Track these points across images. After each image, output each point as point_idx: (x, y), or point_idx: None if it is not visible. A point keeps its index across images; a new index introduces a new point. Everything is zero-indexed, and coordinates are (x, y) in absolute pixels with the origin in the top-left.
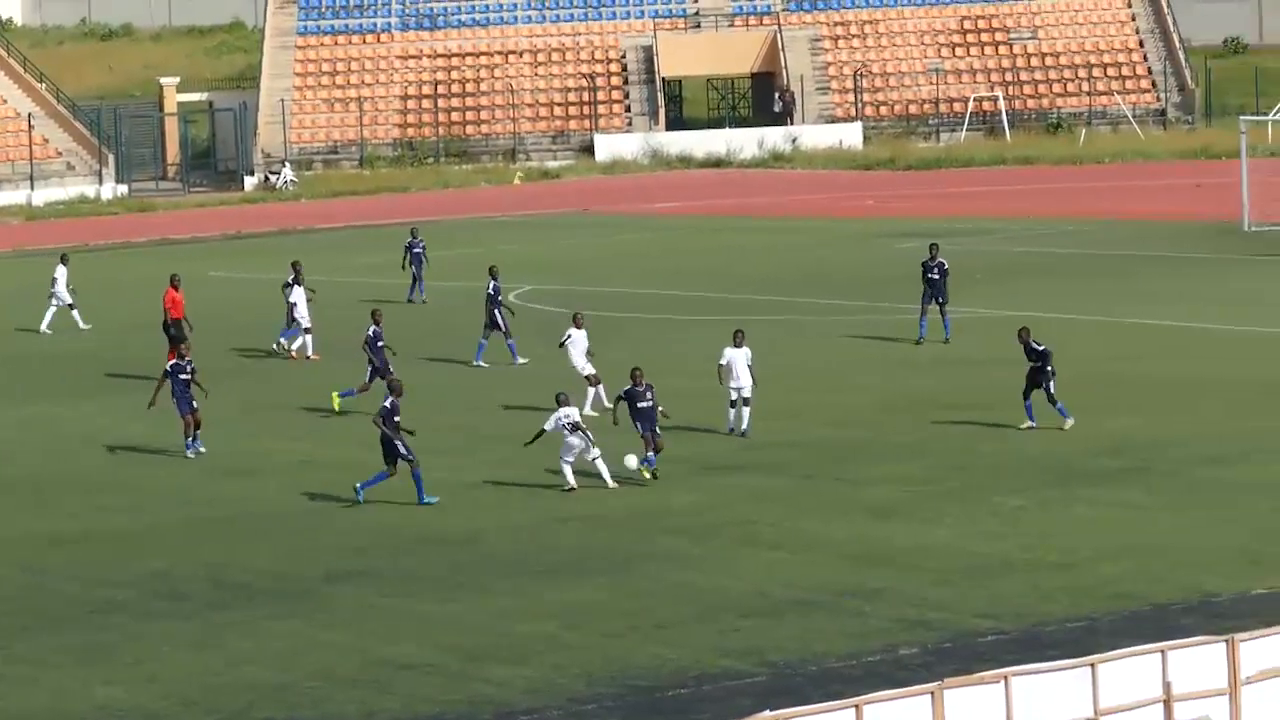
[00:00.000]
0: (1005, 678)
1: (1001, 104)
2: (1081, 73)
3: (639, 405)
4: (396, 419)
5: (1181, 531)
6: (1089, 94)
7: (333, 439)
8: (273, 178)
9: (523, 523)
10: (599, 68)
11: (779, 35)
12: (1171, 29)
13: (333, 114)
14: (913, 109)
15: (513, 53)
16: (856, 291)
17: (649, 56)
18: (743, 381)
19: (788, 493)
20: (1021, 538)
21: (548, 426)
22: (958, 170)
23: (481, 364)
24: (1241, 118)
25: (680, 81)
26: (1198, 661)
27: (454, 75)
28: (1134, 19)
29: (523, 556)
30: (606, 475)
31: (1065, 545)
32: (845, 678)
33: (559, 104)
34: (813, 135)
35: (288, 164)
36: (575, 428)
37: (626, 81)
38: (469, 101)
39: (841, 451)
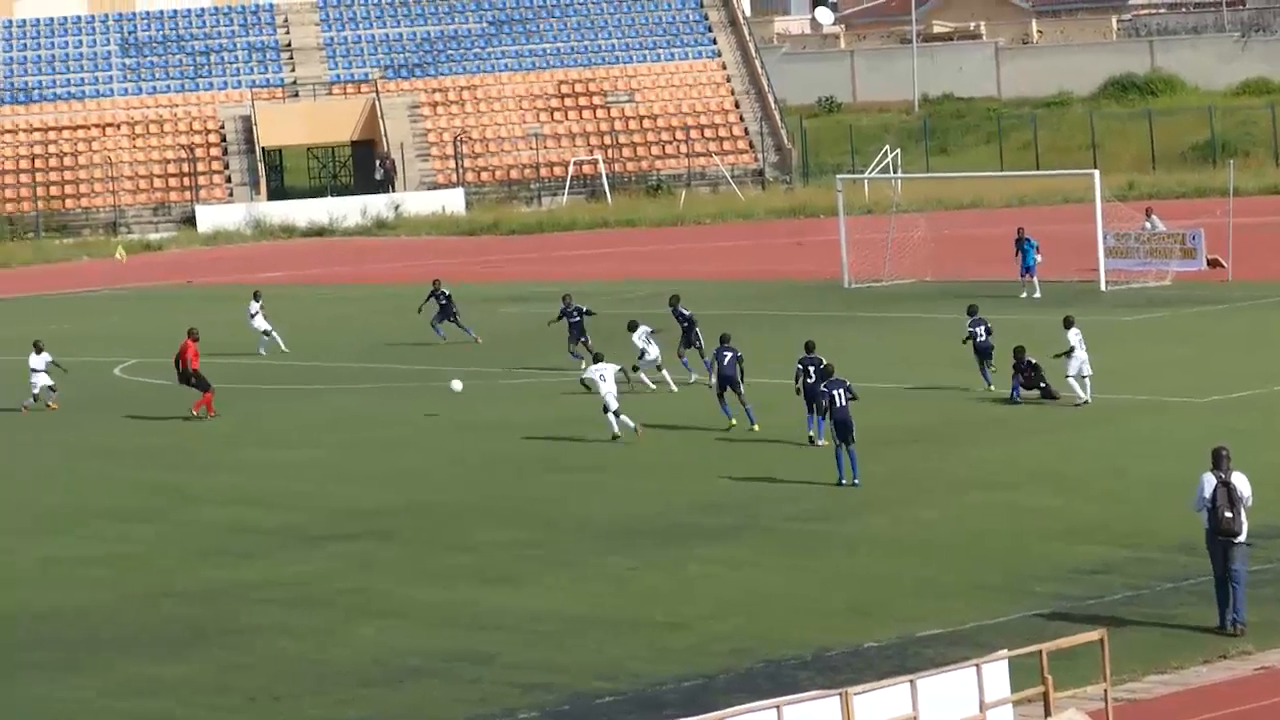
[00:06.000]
0: None
1: (601, 167)
2: (680, 134)
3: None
4: None
5: (791, 586)
6: (688, 155)
7: None
8: None
9: (127, 598)
10: (198, 139)
11: (378, 103)
12: (767, 90)
13: None
14: (514, 174)
15: (110, 125)
16: (470, 357)
17: (248, 126)
18: None
19: (397, 560)
20: (635, 598)
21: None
22: (560, 234)
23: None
24: (838, 176)
25: (280, 151)
26: (812, 716)
27: (51, 149)
28: (729, 80)
29: (130, 632)
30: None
31: (679, 604)
32: None
33: (159, 175)
34: (415, 202)
35: None
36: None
37: (226, 152)
38: (68, 175)
39: (450, 516)
